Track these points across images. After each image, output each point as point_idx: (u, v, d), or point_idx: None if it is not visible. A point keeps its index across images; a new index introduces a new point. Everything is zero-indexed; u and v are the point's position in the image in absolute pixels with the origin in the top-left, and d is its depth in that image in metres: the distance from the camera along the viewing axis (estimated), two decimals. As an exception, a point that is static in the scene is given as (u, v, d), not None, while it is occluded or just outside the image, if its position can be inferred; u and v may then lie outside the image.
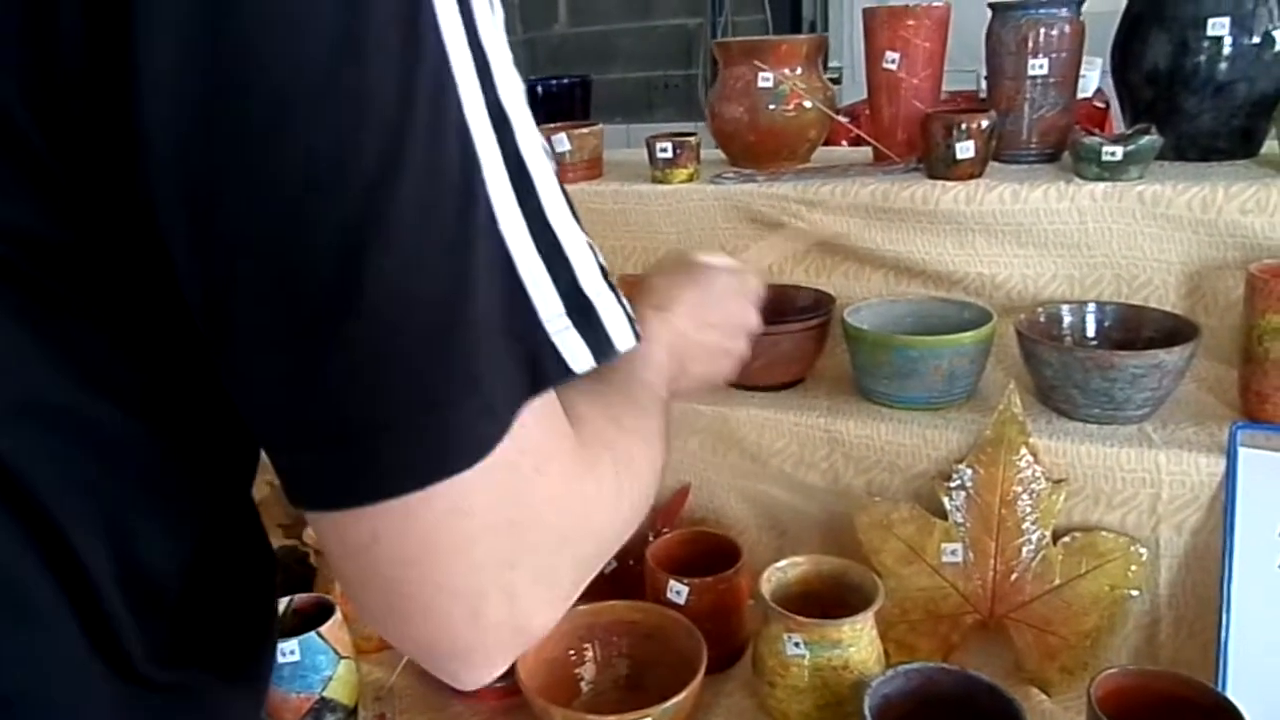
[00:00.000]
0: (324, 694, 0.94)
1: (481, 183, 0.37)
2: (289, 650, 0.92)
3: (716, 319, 0.73)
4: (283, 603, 1.00)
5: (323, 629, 0.94)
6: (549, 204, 0.40)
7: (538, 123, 0.41)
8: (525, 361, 0.39)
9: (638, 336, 0.44)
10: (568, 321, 0.40)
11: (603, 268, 0.43)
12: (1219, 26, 1.05)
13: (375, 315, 0.34)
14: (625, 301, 0.43)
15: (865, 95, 1.29)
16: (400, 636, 0.41)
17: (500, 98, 0.38)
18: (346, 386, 0.35)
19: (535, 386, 0.39)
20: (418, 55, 0.34)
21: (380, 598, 0.39)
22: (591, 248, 0.42)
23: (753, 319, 0.78)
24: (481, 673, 0.42)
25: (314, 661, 0.93)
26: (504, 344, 0.38)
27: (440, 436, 0.36)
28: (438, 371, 0.36)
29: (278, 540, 1.28)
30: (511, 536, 0.39)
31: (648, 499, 0.52)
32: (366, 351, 0.35)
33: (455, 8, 0.36)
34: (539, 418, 0.40)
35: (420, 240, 0.35)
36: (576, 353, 0.40)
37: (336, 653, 0.95)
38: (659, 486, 0.55)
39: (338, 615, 0.97)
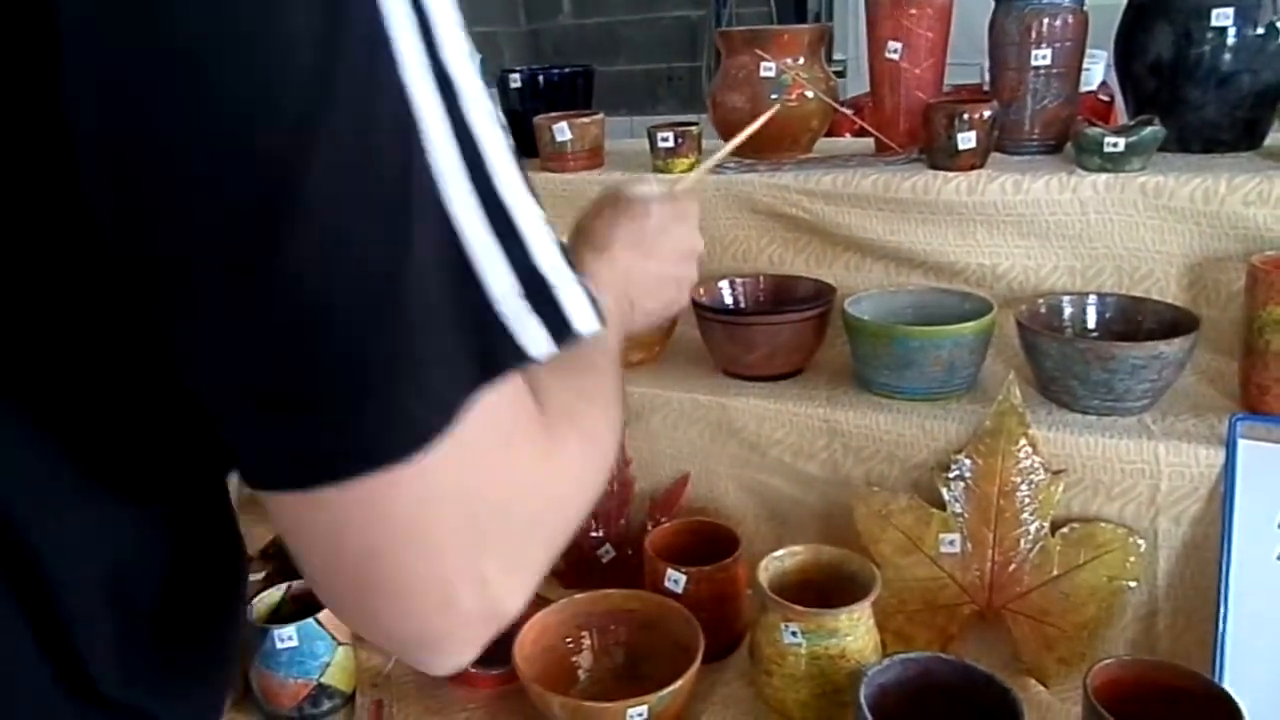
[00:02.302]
0: (321, 680, 0.94)
1: (421, 151, 0.34)
2: (287, 636, 0.93)
3: (660, 247, 0.71)
4: (281, 589, 1.00)
5: (321, 615, 0.94)
6: (501, 177, 0.37)
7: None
8: (477, 346, 0.36)
9: (602, 319, 0.41)
10: (524, 303, 0.37)
11: (561, 246, 0.40)
12: (1223, 17, 1.04)
13: (295, 292, 0.32)
14: (587, 283, 0.41)
15: (869, 88, 1.28)
16: (370, 627, 0.40)
17: (445, 61, 0.35)
18: (274, 366, 0.34)
19: (488, 373, 0.37)
20: (344, 8, 0.32)
21: (349, 589, 0.38)
22: (549, 225, 0.39)
23: (696, 241, 0.76)
24: (453, 660, 0.41)
25: (312, 647, 0.93)
26: (451, 327, 0.35)
27: (373, 424, 0.34)
28: (368, 354, 0.34)
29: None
30: (482, 522, 0.38)
31: (609, 464, 0.51)
32: (291, 331, 0.33)
33: None
34: (507, 399, 0.38)
35: (343, 211, 0.33)
36: (534, 336, 0.38)
37: (334, 639, 0.95)
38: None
39: (336, 601, 0.97)
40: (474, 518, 0.38)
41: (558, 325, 0.38)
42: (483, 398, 0.37)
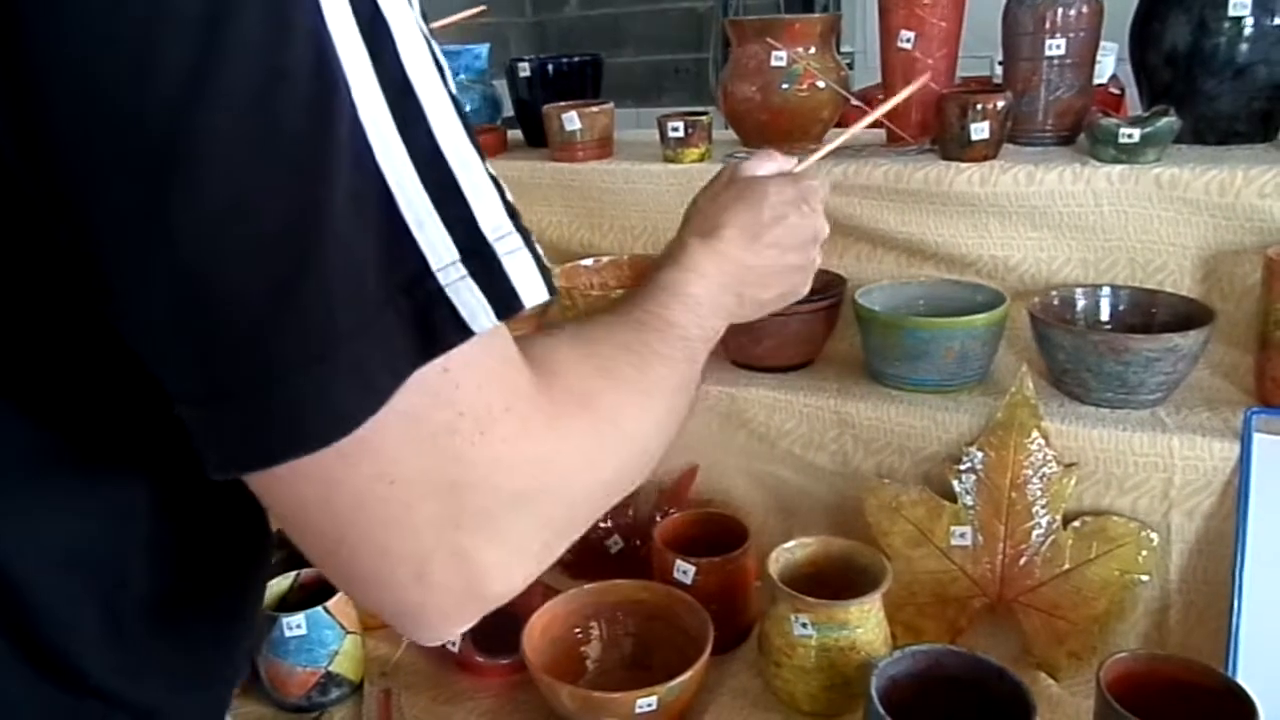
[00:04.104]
0: (330, 668, 0.94)
1: (346, 103, 0.31)
2: (295, 624, 0.92)
3: (775, 236, 0.67)
4: (289, 577, 1.00)
5: (329, 604, 0.94)
6: (441, 132, 0.34)
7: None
8: (413, 319, 0.33)
9: (551, 290, 0.37)
10: (463, 270, 0.34)
11: (510, 207, 0.37)
12: (1240, 7, 1.03)
13: (190, 263, 0.30)
14: (537, 247, 0.37)
15: (878, 79, 1.27)
16: (354, 594, 0.40)
17: (378, 2, 0.32)
18: (180, 347, 0.31)
19: (430, 348, 0.34)
20: None
21: (328, 561, 0.37)
22: (497, 183, 0.36)
23: (820, 226, 0.71)
24: (436, 632, 0.40)
25: (320, 636, 0.93)
26: (380, 298, 0.33)
27: (291, 409, 0.32)
28: (278, 333, 0.31)
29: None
30: (453, 499, 0.36)
31: (646, 454, 0.49)
32: (191, 308, 0.30)
33: None
34: (480, 375, 0.36)
35: (241, 173, 0.29)
36: (474, 309, 0.34)
37: (343, 627, 0.95)
38: (665, 452, 0.52)
39: (344, 590, 0.97)
40: (443, 493, 0.36)
41: (500, 295, 0.35)
42: (453, 371, 0.35)
